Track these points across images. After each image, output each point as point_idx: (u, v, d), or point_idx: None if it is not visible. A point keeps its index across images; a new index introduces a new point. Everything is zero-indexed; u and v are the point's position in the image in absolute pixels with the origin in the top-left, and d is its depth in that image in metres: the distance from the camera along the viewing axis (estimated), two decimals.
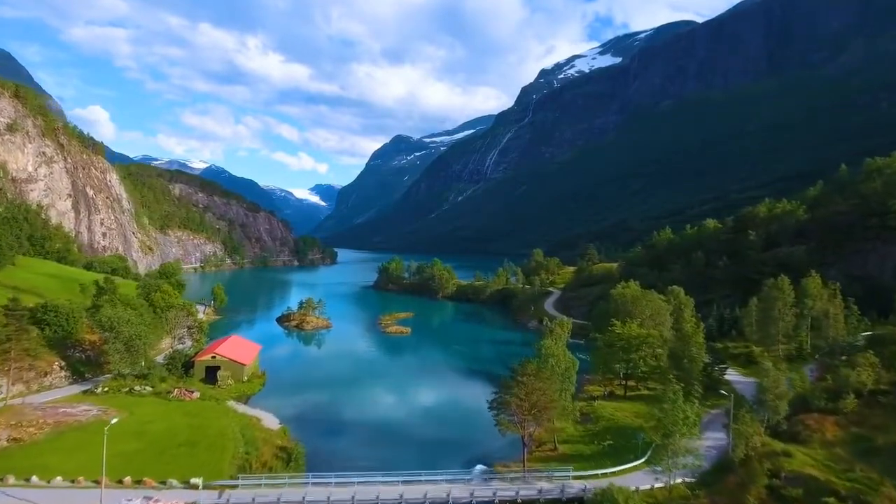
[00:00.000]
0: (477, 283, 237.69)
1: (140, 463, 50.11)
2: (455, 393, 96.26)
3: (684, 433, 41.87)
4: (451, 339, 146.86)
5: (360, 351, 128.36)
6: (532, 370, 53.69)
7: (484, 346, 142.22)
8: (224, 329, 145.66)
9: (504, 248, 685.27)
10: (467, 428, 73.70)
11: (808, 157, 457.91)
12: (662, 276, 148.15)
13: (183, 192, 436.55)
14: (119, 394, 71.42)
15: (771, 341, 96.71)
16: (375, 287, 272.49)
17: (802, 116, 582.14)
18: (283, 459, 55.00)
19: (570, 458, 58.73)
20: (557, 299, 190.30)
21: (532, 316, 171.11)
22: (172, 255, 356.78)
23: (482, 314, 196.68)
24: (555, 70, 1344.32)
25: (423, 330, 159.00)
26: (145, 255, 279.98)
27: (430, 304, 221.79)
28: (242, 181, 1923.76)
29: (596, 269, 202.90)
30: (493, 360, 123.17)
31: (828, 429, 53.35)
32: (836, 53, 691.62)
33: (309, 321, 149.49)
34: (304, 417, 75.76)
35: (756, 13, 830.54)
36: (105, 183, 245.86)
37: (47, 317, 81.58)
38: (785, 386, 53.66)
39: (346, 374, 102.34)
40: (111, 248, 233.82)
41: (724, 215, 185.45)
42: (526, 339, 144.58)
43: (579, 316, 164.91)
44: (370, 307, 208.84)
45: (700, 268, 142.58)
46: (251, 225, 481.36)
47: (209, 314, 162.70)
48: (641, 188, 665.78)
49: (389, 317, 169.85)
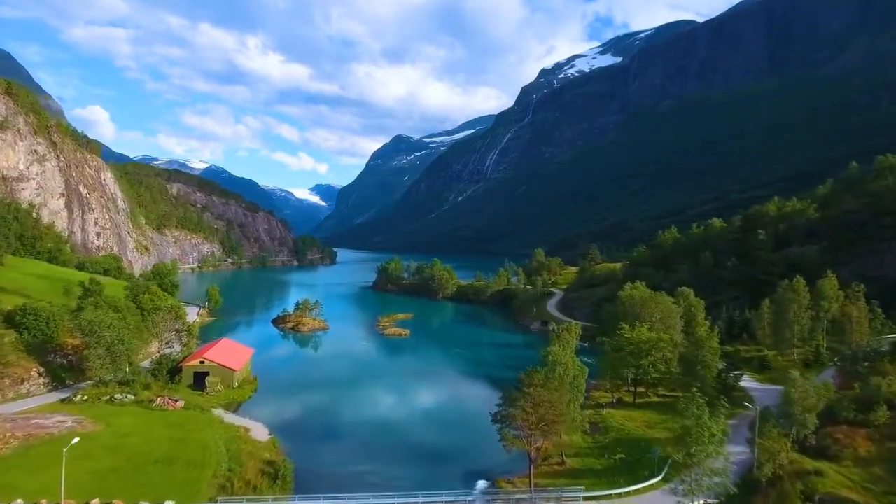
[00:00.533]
0: (477, 283, 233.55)
1: (113, 482, 45.93)
2: (455, 399, 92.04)
3: (710, 453, 37.74)
4: (450, 342, 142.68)
5: (356, 354, 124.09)
6: (539, 380, 49.48)
7: (485, 350, 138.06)
8: (218, 331, 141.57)
9: (504, 248, 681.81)
10: (468, 437, 69.55)
11: (809, 157, 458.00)
12: (668, 277, 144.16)
13: (181, 192, 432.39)
14: (98, 402, 67.24)
15: (786, 345, 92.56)
16: (374, 288, 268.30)
17: (803, 116, 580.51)
18: (269, 476, 50.80)
19: (580, 474, 54.60)
20: (560, 300, 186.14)
21: (534, 317, 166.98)
22: (170, 255, 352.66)
23: (483, 315, 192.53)
24: (555, 70, 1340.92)
25: (422, 332, 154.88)
26: (141, 255, 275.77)
27: (429, 304, 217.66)
28: (242, 181, 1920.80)
29: (599, 270, 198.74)
30: (494, 364, 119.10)
31: (860, 444, 49.19)
32: (837, 53, 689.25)
33: (305, 323, 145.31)
34: (295, 426, 71.64)
35: (757, 13, 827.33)
36: (99, 182, 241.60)
37: (26, 320, 77.40)
38: (814, 397, 49.44)
39: (341, 379, 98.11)
40: (105, 248, 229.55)
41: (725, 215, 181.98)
42: (528, 342, 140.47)
43: (582, 318, 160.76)
44: (369, 308, 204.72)
45: (708, 268, 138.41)
46: (250, 225, 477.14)
47: (203, 316, 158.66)
48: (641, 188, 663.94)
49: (388, 318, 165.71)
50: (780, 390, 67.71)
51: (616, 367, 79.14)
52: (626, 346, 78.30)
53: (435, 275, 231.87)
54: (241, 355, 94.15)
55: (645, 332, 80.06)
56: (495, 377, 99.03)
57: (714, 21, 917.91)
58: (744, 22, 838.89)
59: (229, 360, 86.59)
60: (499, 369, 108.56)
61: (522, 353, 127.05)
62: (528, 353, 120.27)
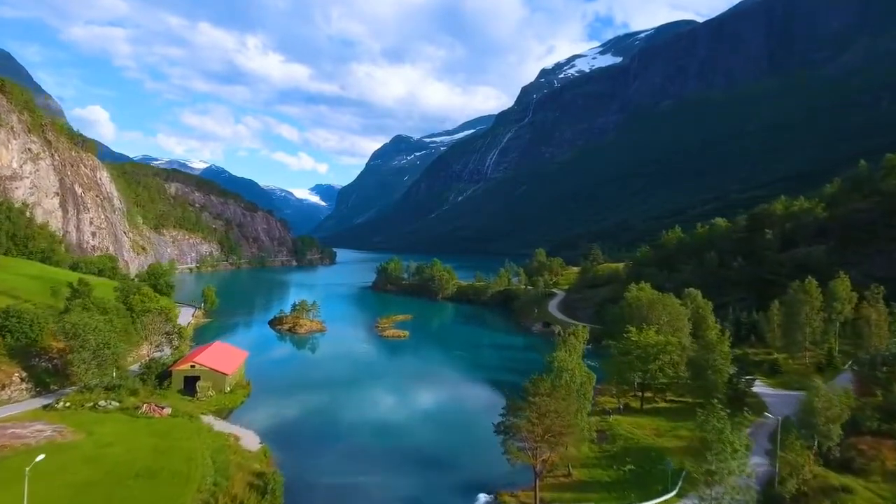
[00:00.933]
0: (478, 283, 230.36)
1: (89, 498, 42.86)
2: (455, 404, 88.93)
3: (733, 470, 34.73)
4: (451, 344, 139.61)
5: (354, 356, 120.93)
6: (546, 389, 46.41)
7: (486, 352, 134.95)
8: (214, 333, 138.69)
9: (504, 248, 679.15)
10: (469, 444, 66.51)
11: (810, 157, 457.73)
12: (672, 278, 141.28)
13: (179, 192, 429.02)
14: (81, 409, 64.12)
15: (797, 348, 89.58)
16: (374, 288, 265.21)
17: (803, 116, 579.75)
18: (258, 490, 47.71)
19: (587, 487, 51.56)
20: (561, 301, 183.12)
21: (536, 319, 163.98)
22: (167, 255, 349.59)
23: (483, 316, 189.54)
24: (555, 70, 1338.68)
25: (421, 333, 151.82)
26: (138, 255, 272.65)
27: (429, 305, 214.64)
28: (242, 181, 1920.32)
29: (601, 270, 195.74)
30: (496, 366, 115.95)
31: (887, 456, 46.19)
32: (838, 53, 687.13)
33: (302, 324, 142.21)
34: (288, 434, 68.59)
35: (757, 12, 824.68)
36: (95, 181, 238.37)
37: (9, 323, 74.29)
38: (838, 406, 46.39)
39: (338, 383, 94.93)
40: (101, 248, 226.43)
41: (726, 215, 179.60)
42: (530, 344, 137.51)
43: (585, 319, 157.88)
44: (367, 309, 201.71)
45: (713, 268, 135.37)
46: (249, 224, 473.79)
47: (198, 317, 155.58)
48: (642, 188, 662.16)
49: (387, 319, 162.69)
50: (793, 396, 64.97)
51: (623, 371, 76.18)
52: (634, 349, 75.35)
53: (435, 275, 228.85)
54: (235, 359, 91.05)
55: (653, 336, 77.11)
56: (497, 380, 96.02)
57: (714, 21, 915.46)
58: (744, 22, 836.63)
59: (221, 364, 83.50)
60: (501, 372, 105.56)
61: (524, 355, 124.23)
62: (531, 355, 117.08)
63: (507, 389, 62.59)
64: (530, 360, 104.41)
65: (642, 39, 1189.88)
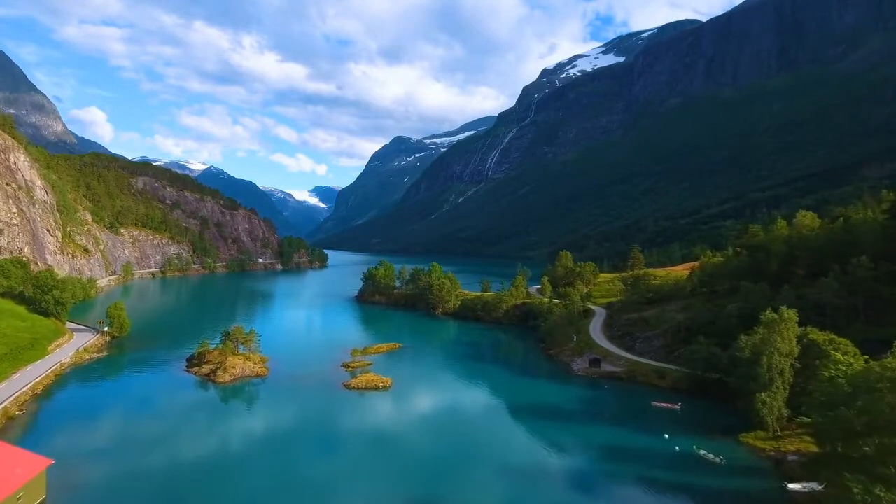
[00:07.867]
0: (487, 295, 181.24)
1: None
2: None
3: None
4: (456, 404, 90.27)
5: (286, 446, 69.20)
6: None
7: (522, 431, 75.76)
8: (98, 375, 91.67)
9: (507, 250, 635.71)
10: None
11: (826, 155, 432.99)
12: (784, 295, 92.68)
13: (147, 186, 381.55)
14: None
15: None
16: (359, 298, 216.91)
17: (817, 113, 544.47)
18: None
19: None
20: (605, 322, 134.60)
21: (575, 350, 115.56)
22: (124, 257, 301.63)
23: (498, 342, 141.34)
24: (557, 69, 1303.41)
25: (410, 378, 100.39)
26: (73, 257, 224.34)
27: (426, 323, 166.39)
28: (241, 182, 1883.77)
29: (654, 278, 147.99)
30: (546, 472, 65.60)
31: None
32: (852, 49, 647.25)
33: (231, 365, 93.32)
34: None
35: (765, 8, 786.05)
36: (7, 165, 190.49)
37: None
38: None
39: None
40: (10, 250, 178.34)
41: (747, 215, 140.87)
42: (583, 398, 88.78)
43: (649, 352, 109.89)
44: (344, 330, 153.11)
45: (865, 279, 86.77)
46: (228, 224, 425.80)
47: (90, 349, 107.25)
48: (650, 187, 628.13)
49: (363, 351, 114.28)
50: None
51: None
52: None
53: (433, 284, 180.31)
54: (8, 479, 42.96)
55: None
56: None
57: (721, 18, 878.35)
58: (752, 18, 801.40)
59: None
60: (557, 489, 56.67)
61: (582, 430, 72.67)
62: (598, 431, 68.72)
63: None
64: (611, 449, 56.38)
65: (645, 39, 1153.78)
